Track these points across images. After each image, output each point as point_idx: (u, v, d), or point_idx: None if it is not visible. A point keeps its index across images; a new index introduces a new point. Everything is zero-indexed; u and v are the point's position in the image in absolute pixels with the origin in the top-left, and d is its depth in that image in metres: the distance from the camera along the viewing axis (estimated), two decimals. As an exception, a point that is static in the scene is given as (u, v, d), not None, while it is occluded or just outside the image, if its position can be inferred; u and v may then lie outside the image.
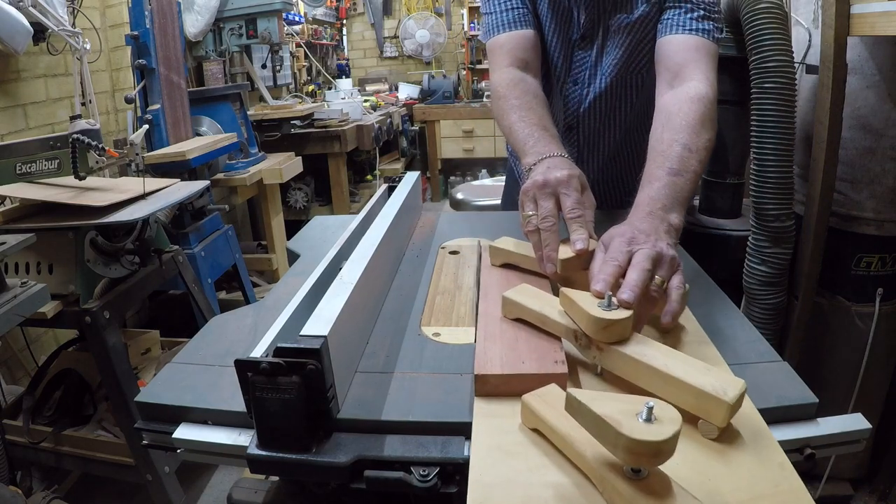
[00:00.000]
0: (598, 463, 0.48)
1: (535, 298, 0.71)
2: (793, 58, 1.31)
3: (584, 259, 0.75)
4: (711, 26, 1.03)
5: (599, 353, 0.62)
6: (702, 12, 1.03)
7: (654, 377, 0.56)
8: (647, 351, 0.59)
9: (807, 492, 0.49)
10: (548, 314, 0.67)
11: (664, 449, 0.43)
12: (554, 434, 0.53)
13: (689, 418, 0.54)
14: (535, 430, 0.56)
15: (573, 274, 0.76)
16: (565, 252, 0.77)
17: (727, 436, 0.54)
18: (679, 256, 0.72)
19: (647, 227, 0.74)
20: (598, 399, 0.47)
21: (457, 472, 0.57)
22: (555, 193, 0.81)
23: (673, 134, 0.90)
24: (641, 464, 0.46)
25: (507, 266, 0.89)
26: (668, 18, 1.06)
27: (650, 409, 0.44)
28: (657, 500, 0.44)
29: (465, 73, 6.05)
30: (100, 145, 1.58)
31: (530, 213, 0.82)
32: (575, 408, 0.48)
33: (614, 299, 0.62)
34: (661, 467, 0.46)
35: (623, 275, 0.67)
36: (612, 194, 0.96)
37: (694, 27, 1.02)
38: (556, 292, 0.71)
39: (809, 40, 1.48)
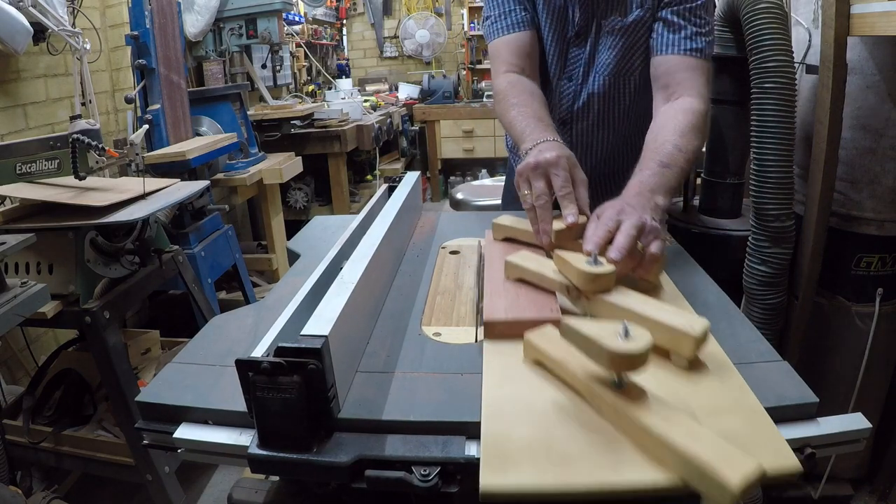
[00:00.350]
0: (587, 379, 0.59)
1: (533, 261, 0.83)
2: (793, 58, 1.31)
3: (575, 231, 0.86)
4: (703, 43, 1.10)
5: (587, 303, 0.74)
6: (694, 29, 1.10)
7: (633, 320, 0.62)
8: (627, 299, 0.71)
9: (763, 409, 0.59)
10: (544, 273, 0.80)
11: (638, 358, 0.53)
12: (551, 360, 0.64)
13: (664, 353, 0.66)
14: (536, 363, 0.67)
15: (566, 244, 0.86)
16: (558, 225, 0.88)
17: (695, 366, 0.65)
18: (661, 229, 0.83)
19: (636, 203, 0.85)
20: (585, 324, 0.57)
21: (458, 471, 0.57)
22: (545, 174, 0.91)
23: (665, 136, 1.00)
24: (621, 370, 0.56)
25: (507, 240, 1.00)
26: (661, 36, 1.12)
27: (626, 329, 0.55)
28: (634, 403, 0.55)
29: (465, 73, 6.05)
30: (100, 145, 1.58)
31: (526, 192, 0.92)
32: (568, 333, 0.58)
33: (601, 258, 0.74)
34: (639, 385, 0.57)
35: (611, 239, 0.78)
36: (605, 195, 1.00)
37: (687, 47, 1.10)
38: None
39: (809, 40, 1.48)
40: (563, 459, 0.53)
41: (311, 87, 4.87)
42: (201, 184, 1.85)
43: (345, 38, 6.12)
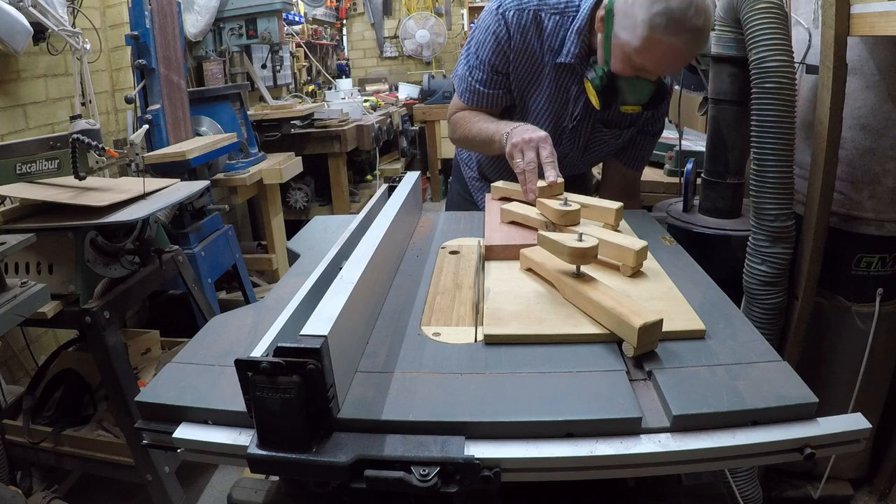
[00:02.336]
0: (557, 273, 0.88)
1: (522, 207, 1.15)
2: (793, 57, 1.31)
3: (553, 189, 1.15)
4: (639, 168, 1.54)
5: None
6: (644, 160, 1.52)
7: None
8: (590, 229, 0.98)
9: (685, 300, 0.83)
10: (529, 214, 1.12)
11: (589, 252, 0.83)
12: (535, 264, 0.93)
13: (615, 267, 0.95)
14: (527, 270, 0.96)
15: (544, 197, 1.15)
16: (542, 183, 1.16)
17: (638, 275, 0.93)
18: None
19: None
20: (553, 234, 0.88)
21: (457, 471, 0.57)
22: (535, 146, 1.19)
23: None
24: (578, 262, 0.83)
25: (502, 199, 1.25)
26: (622, 151, 1.49)
27: (581, 235, 0.84)
28: (587, 285, 0.82)
29: (465, 73, 6.04)
30: (100, 145, 1.57)
31: (518, 160, 1.19)
32: (544, 241, 0.89)
33: (570, 201, 1.07)
34: (590, 275, 0.85)
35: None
36: None
37: (635, 168, 1.52)
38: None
39: (809, 40, 1.48)
40: (538, 320, 0.80)
41: (311, 87, 4.87)
42: (201, 184, 1.85)
43: (345, 38, 6.12)
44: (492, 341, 0.76)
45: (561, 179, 1.16)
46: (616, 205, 1.08)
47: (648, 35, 1.06)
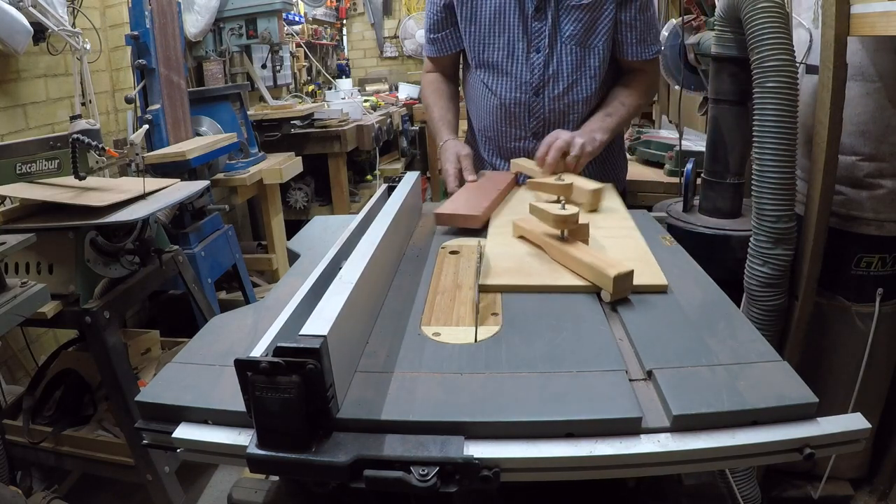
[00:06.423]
0: (545, 237, 1.00)
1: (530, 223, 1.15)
2: (794, 57, 1.31)
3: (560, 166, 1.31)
4: (655, 50, 1.45)
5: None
6: (650, 38, 1.43)
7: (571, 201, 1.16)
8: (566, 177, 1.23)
9: (655, 261, 0.95)
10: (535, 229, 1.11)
11: (570, 219, 0.95)
12: (526, 231, 1.06)
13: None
14: (520, 237, 1.08)
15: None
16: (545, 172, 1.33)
17: (616, 238, 1.06)
18: (590, 150, 1.32)
19: (578, 133, 1.34)
20: (541, 203, 1.01)
21: (456, 471, 0.57)
22: (456, 158, 1.38)
23: (615, 93, 1.45)
24: (562, 227, 0.96)
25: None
26: (622, 44, 1.42)
27: (563, 203, 0.97)
28: (570, 246, 0.95)
29: (465, 73, 6.04)
30: (100, 145, 1.58)
31: (447, 167, 1.39)
32: (533, 210, 1.02)
33: (564, 176, 1.24)
34: (573, 239, 0.97)
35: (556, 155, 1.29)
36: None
37: (649, 53, 1.44)
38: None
39: (811, 40, 1.48)
40: (527, 273, 0.94)
41: (311, 87, 4.87)
42: (201, 184, 1.85)
43: (345, 38, 6.12)
44: (486, 290, 0.89)
45: (472, 178, 1.35)
46: (595, 185, 1.23)
47: None
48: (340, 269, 0.78)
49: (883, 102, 1.38)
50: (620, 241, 1.04)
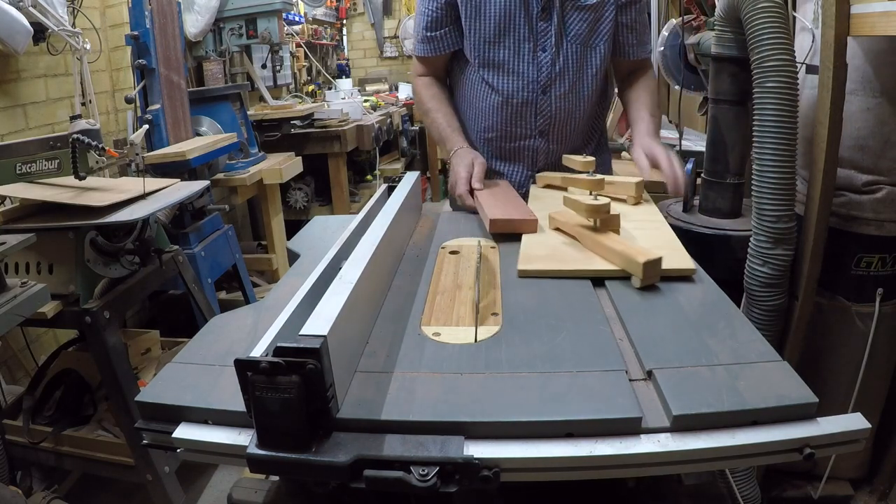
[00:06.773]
0: (578, 227, 1.06)
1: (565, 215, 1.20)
2: (794, 57, 1.31)
3: (588, 164, 1.35)
4: (650, 49, 1.54)
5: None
6: (646, 38, 1.50)
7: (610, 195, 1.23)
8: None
9: (683, 248, 1.01)
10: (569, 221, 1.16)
11: (602, 209, 1.01)
12: (560, 223, 1.12)
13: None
14: (555, 230, 1.13)
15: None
16: (576, 160, 1.38)
17: (645, 228, 1.13)
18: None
19: (659, 142, 1.39)
20: (574, 194, 1.14)
21: (456, 471, 0.57)
22: (470, 166, 1.38)
23: (641, 94, 1.51)
24: (594, 217, 1.02)
25: (547, 186, 1.48)
26: (624, 45, 1.47)
27: (596, 195, 1.06)
28: (602, 235, 1.01)
29: (465, 73, 6.03)
30: (100, 145, 1.57)
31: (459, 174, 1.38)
32: (567, 201, 1.08)
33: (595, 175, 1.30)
34: (605, 229, 1.03)
35: (655, 164, 1.33)
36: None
37: (646, 52, 1.52)
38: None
39: (812, 41, 1.48)
40: (561, 260, 1.00)
41: (311, 87, 4.87)
42: (201, 184, 1.85)
43: (345, 38, 6.12)
44: (524, 275, 0.97)
45: (479, 186, 1.34)
46: (636, 179, 1.30)
47: None
48: (340, 269, 0.78)
49: (883, 118, 1.38)
50: (649, 232, 1.09)
